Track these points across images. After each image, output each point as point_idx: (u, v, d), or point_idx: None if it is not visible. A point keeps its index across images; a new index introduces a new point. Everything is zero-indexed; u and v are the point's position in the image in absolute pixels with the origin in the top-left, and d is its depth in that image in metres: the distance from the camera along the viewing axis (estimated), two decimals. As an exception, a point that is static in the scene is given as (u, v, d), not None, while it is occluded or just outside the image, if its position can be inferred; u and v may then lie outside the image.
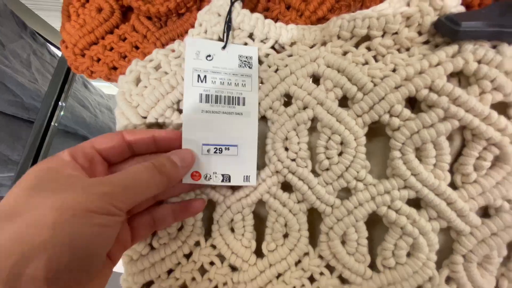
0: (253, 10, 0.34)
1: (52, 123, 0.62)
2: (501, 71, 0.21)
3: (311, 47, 0.28)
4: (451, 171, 0.24)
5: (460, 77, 0.23)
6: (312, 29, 0.28)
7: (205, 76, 0.27)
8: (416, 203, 0.24)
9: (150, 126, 0.27)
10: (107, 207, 0.20)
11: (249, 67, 0.28)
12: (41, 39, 0.96)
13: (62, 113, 0.64)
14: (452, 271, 0.24)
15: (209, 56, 0.27)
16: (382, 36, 0.25)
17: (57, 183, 0.20)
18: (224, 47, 0.27)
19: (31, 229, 0.17)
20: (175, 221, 0.27)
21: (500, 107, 0.22)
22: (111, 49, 0.37)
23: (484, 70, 0.21)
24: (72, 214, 0.18)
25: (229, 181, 0.26)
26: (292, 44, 0.28)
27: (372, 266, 0.26)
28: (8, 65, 0.82)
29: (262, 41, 0.28)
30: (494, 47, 0.22)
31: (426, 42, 0.24)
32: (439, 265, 0.25)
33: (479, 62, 0.22)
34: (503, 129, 0.21)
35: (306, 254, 0.27)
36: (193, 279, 0.28)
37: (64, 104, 0.62)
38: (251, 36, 0.29)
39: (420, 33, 0.24)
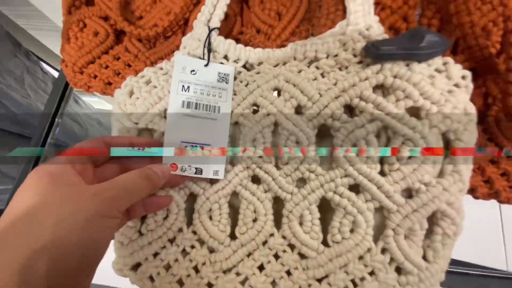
0: (229, 32, 0.40)
1: (49, 140, 0.64)
2: (410, 83, 0.28)
3: (275, 66, 0.34)
4: (381, 161, 0.30)
5: (383, 88, 0.30)
6: (275, 51, 0.34)
7: (188, 87, 0.32)
8: (355, 188, 0.30)
9: (141, 130, 0.33)
10: (112, 211, 0.22)
11: (226, 82, 0.34)
12: (34, 58, 0.99)
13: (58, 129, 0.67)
14: (385, 243, 0.29)
15: (193, 71, 0.33)
16: (327, 57, 0.32)
17: (66, 189, 0.22)
18: (206, 65, 0.34)
19: (56, 231, 0.19)
20: (146, 213, 0.31)
21: (412, 110, 0.29)
22: (107, 67, 0.42)
23: (397, 83, 0.28)
24: (85, 219, 0.21)
25: (201, 173, 0.31)
26: (259, 63, 0.35)
27: (324, 242, 0.31)
28: (2, 82, 0.85)
29: (235, 61, 0.35)
30: (408, 65, 0.29)
31: (360, 62, 0.31)
32: (376, 239, 0.30)
33: (394, 77, 0.28)
34: (414, 127, 0.28)
35: (272, 235, 0.31)
36: (176, 260, 0.32)
37: (59, 120, 0.65)
38: (226, 57, 0.35)
39: (355, 55, 0.31)
